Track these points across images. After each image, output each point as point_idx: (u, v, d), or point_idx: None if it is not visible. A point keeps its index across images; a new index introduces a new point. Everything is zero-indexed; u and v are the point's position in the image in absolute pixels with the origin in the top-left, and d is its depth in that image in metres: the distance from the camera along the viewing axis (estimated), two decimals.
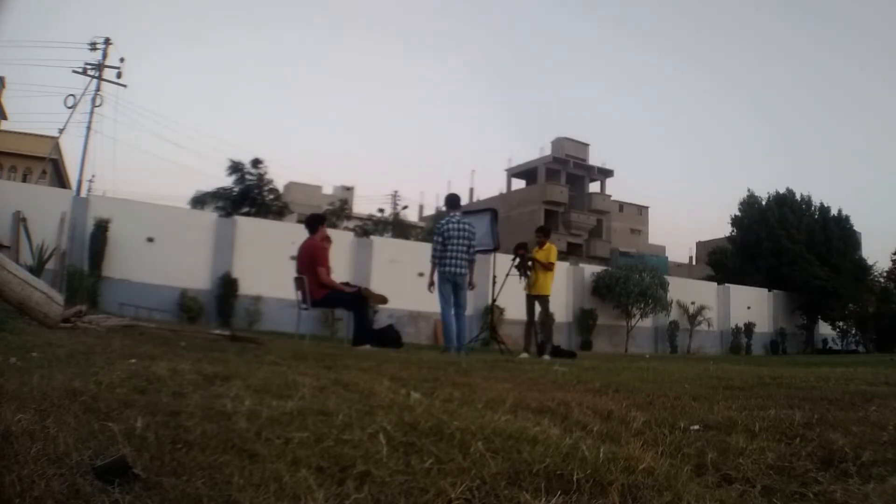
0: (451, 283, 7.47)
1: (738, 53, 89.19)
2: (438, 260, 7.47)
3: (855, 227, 29.65)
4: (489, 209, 11.46)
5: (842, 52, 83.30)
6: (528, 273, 8.97)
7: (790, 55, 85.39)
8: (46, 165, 26.69)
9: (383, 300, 8.01)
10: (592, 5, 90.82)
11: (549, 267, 8.77)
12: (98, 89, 24.03)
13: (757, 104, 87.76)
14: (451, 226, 7.50)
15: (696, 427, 2.18)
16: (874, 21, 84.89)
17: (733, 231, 30.10)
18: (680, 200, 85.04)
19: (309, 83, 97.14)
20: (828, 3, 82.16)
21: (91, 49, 24.08)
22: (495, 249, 10.79)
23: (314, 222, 7.39)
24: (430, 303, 17.81)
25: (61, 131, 24.94)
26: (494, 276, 9.81)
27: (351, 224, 26.79)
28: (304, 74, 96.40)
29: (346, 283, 7.62)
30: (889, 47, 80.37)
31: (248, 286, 15.64)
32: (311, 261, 7.07)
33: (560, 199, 41.33)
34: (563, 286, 20.51)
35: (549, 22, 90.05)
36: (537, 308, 8.92)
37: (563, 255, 32.15)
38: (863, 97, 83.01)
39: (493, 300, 10.07)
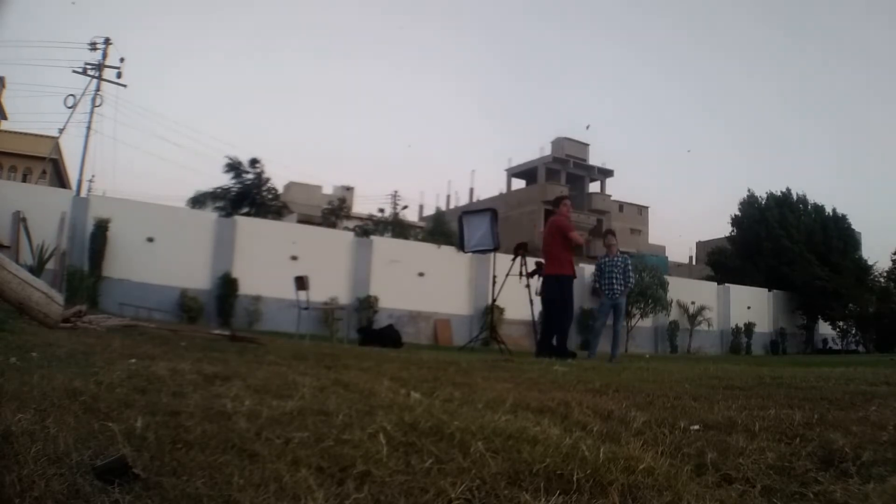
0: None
1: (738, 54, 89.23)
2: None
3: (854, 227, 29.68)
4: (489, 209, 11.48)
5: (842, 52, 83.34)
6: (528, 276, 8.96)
7: (790, 55, 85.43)
8: (46, 165, 26.69)
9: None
10: (592, 6, 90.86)
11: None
12: (98, 89, 24.06)
13: (757, 104, 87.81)
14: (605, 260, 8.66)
15: (696, 427, 2.18)
16: (873, 22, 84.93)
17: (733, 231, 30.10)
18: (680, 200, 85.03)
19: (309, 83, 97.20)
20: (827, 5, 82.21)
21: (91, 49, 24.12)
22: (495, 249, 10.80)
23: (558, 202, 8.22)
24: (430, 303, 18.00)
25: (61, 131, 25.01)
26: (494, 276, 9.82)
27: (351, 224, 26.76)
28: (304, 74, 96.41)
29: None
30: (888, 48, 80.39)
31: (248, 286, 15.63)
32: (561, 228, 7.70)
33: None
34: None
35: (550, 22, 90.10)
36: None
37: None
38: (863, 97, 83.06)
39: (493, 300, 10.08)
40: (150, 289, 14.62)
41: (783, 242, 26.73)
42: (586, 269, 22.43)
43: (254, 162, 23.31)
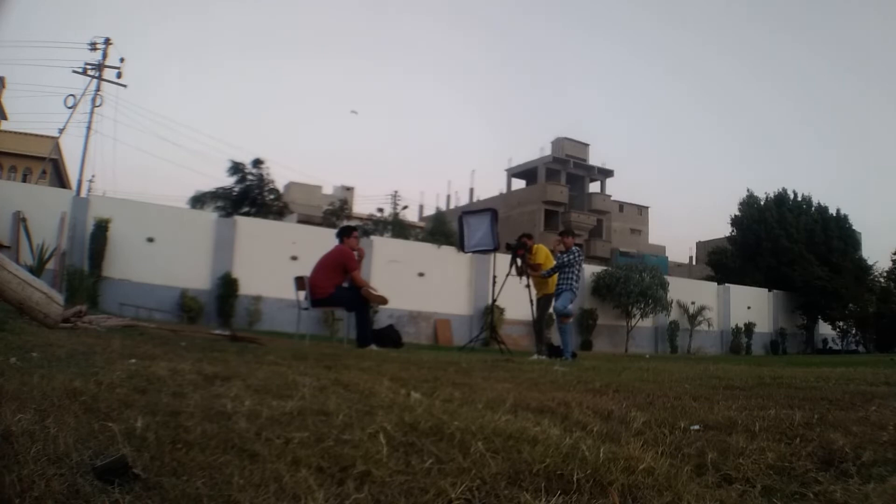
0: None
1: (738, 54, 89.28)
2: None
3: (855, 227, 29.70)
4: (489, 209, 11.48)
5: (842, 52, 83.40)
6: (518, 270, 8.84)
7: (790, 55, 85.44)
8: (46, 165, 26.67)
9: (383, 301, 8.04)
10: (592, 6, 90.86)
11: (535, 268, 8.62)
12: (98, 89, 24.03)
13: (757, 104, 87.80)
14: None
15: (696, 427, 2.18)
16: (873, 22, 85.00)
17: (733, 231, 30.11)
18: (680, 200, 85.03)
19: (309, 83, 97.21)
20: (827, 6, 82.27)
21: (91, 49, 24.09)
22: (495, 249, 10.81)
23: (344, 232, 7.88)
24: (430, 303, 18.01)
25: (61, 131, 24.99)
26: (494, 276, 9.81)
27: (351, 224, 26.69)
28: (304, 74, 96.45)
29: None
30: (888, 48, 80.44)
31: (248, 286, 15.64)
32: (340, 265, 7.46)
33: (560, 199, 41.32)
34: None
35: (550, 21, 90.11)
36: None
37: None
38: (863, 97, 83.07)
39: (493, 300, 10.07)
40: (150, 289, 14.63)
41: (783, 242, 26.76)
42: (586, 269, 22.46)
43: (257, 162, 23.30)
